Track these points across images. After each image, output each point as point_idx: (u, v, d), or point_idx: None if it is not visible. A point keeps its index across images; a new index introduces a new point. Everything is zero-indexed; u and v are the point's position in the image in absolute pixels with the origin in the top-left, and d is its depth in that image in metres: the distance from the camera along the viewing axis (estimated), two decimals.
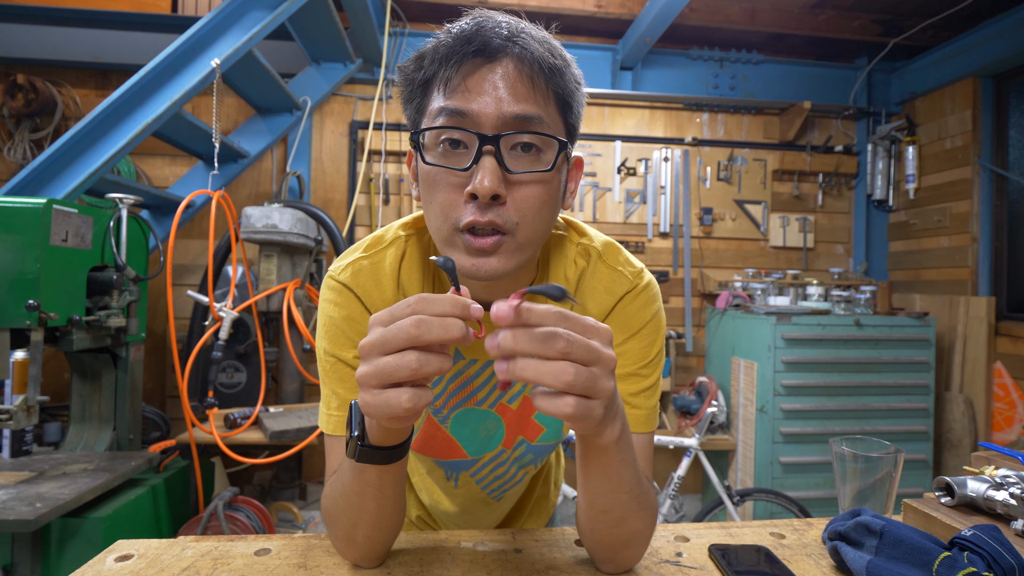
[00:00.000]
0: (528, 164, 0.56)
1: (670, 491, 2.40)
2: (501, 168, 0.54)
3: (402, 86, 0.61)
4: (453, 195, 0.56)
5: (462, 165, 0.55)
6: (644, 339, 0.68)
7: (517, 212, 0.56)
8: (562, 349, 0.41)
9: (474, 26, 0.55)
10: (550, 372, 0.41)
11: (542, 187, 0.57)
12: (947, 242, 2.99)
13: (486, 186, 0.53)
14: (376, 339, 0.44)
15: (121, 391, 1.98)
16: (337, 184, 2.99)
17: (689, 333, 3.15)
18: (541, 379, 0.41)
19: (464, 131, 0.55)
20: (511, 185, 0.56)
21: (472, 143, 0.55)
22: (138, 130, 1.93)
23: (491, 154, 0.54)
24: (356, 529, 0.60)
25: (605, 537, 0.61)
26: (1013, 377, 2.66)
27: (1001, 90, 2.84)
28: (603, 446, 0.52)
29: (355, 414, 0.53)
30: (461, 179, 0.55)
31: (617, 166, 3.13)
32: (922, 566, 0.56)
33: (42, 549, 1.51)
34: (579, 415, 0.42)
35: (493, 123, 0.54)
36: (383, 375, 0.43)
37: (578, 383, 0.41)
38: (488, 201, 0.54)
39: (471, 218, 0.55)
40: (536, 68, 0.55)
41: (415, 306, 0.44)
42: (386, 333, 0.43)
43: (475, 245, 0.55)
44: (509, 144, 0.55)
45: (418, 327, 0.43)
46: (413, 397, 0.44)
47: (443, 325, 0.43)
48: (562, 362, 0.41)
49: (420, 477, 0.86)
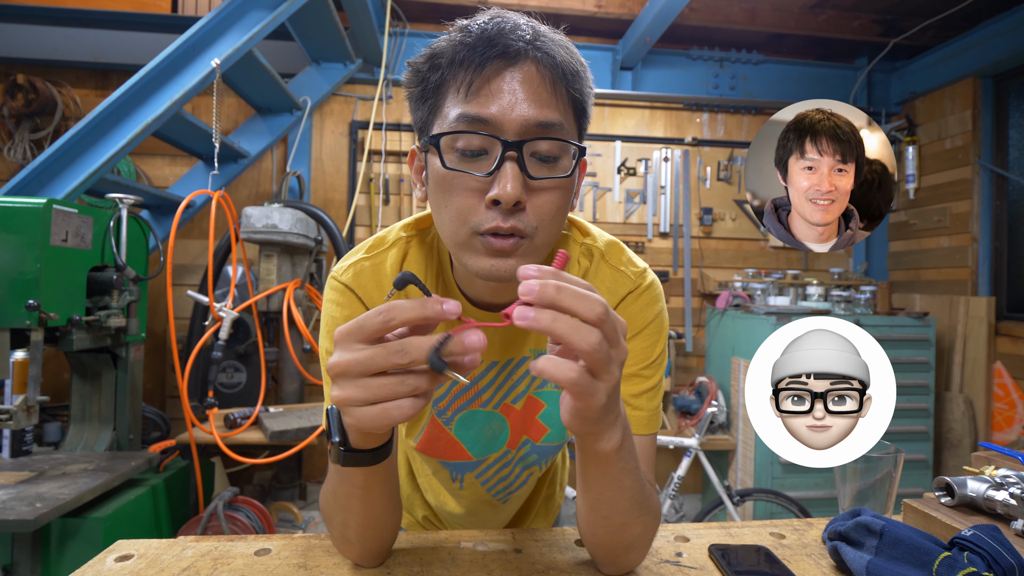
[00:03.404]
0: (548, 170, 0.56)
1: (670, 491, 2.40)
2: (523, 174, 0.54)
3: (414, 85, 0.60)
4: (471, 199, 0.55)
5: (482, 170, 0.55)
6: (646, 339, 0.68)
7: (536, 217, 0.56)
8: (600, 315, 0.40)
9: (494, 27, 0.54)
10: (577, 329, 0.40)
11: (560, 192, 0.57)
12: (947, 242, 2.99)
13: (510, 192, 0.52)
14: (360, 359, 0.42)
15: (121, 391, 1.98)
16: (337, 184, 2.99)
17: (689, 333, 3.15)
18: (570, 337, 0.40)
19: (486, 136, 0.54)
20: (531, 191, 0.55)
21: (493, 148, 0.54)
22: (138, 130, 1.93)
23: (514, 160, 0.54)
24: (348, 529, 0.61)
25: (606, 541, 0.60)
26: (1013, 377, 2.66)
27: (1001, 90, 2.84)
28: (604, 454, 0.50)
29: (333, 420, 0.51)
30: (481, 184, 0.55)
31: (617, 166, 3.13)
32: (922, 566, 0.56)
33: (42, 549, 1.51)
34: (582, 388, 0.41)
35: (515, 129, 0.54)
36: (377, 395, 0.42)
37: (597, 353, 0.40)
38: (511, 208, 0.54)
39: (493, 224, 0.54)
40: (558, 73, 0.55)
41: (389, 313, 0.42)
42: (374, 356, 0.41)
43: (495, 246, 0.55)
44: (530, 150, 0.55)
45: (408, 354, 0.41)
46: (414, 404, 0.42)
47: (420, 347, 0.41)
48: (593, 327, 0.40)
49: (426, 478, 0.85)
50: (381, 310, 0.42)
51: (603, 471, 0.53)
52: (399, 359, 0.41)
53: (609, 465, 0.52)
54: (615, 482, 0.54)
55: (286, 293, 2.36)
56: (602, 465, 0.52)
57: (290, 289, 2.36)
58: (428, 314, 0.42)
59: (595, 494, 0.56)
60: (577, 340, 0.40)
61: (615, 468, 0.52)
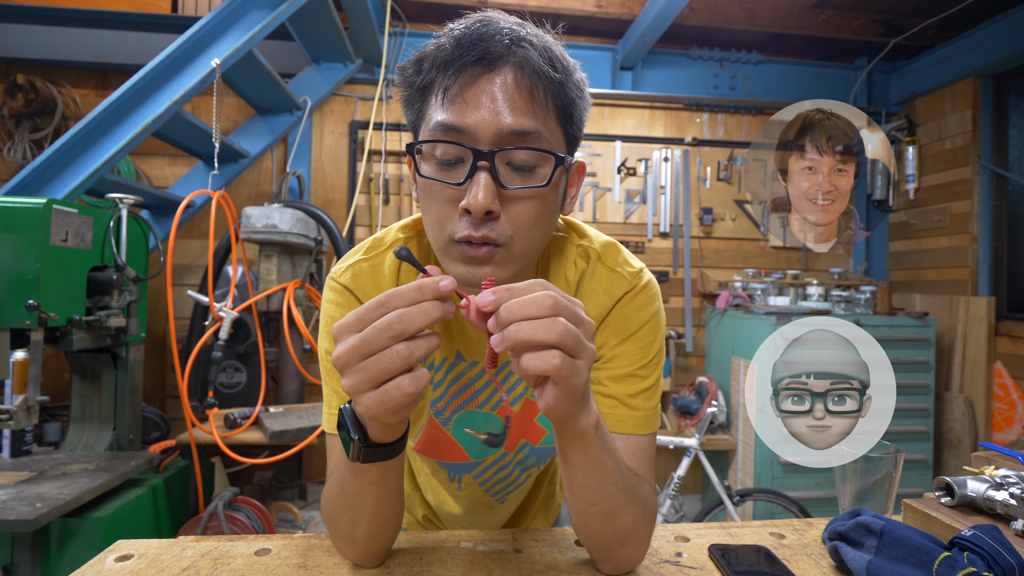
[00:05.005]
0: (523, 179, 0.56)
1: (670, 491, 2.40)
2: (495, 183, 0.54)
3: (402, 89, 0.61)
4: (447, 207, 0.56)
5: (456, 179, 0.55)
6: (642, 339, 0.68)
7: (512, 226, 0.56)
8: (552, 306, 0.43)
9: (475, 32, 0.55)
10: (542, 326, 0.43)
11: (537, 202, 0.57)
12: (947, 242, 2.99)
13: (480, 202, 0.53)
14: (357, 343, 0.44)
15: (121, 391, 1.98)
16: (337, 184, 2.99)
17: (689, 333, 3.15)
18: (534, 334, 0.43)
19: (459, 146, 0.54)
20: (506, 200, 0.56)
21: (467, 158, 0.55)
22: (138, 130, 1.93)
23: (486, 170, 0.54)
24: (356, 528, 0.60)
25: (598, 532, 0.60)
26: (1013, 377, 2.66)
27: (1001, 90, 2.84)
28: (582, 432, 0.52)
29: (349, 418, 0.52)
30: (456, 192, 0.56)
31: (617, 166, 3.13)
32: (922, 566, 0.56)
33: (42, 549, 1.51)
34: (566, 371, 0.44)
35: (489, 138, 0.54)
36: (376, 374, 0.44)
37: (567, 338, 0.43)
38: (482, 217, 0.54)
39: (465, 232, 0.55)
40: (535, 79, 0.55)
41: (388, 303, 0.44)
42: (367, 336, 0.44)
43: (469, 254, 0.56)
44: (504, 159, 0.55)
45: (400, 321, 0.43)
46: (414, 380, 0.44)
47: (422, 311, 0.44)
48: (552, 317, 0.43)
49: (425, 478, 0.86)
50: (380, 299, 0.45)
51: (586, 452, 0.54)
52: (394, 329, 0.43)
53: (590, 443, 0.53)
54: (597, 463, 0.55)
55: (286, 293, 2.36)
56: (584, 445, 0.53)
57: (290, 289, 2.36)
58: (425, 295, 0.44)
59: (580, 480, 0.56)
60: (544, 336, 0.43)
61: (596, 447, 0.54)
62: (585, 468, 0.55)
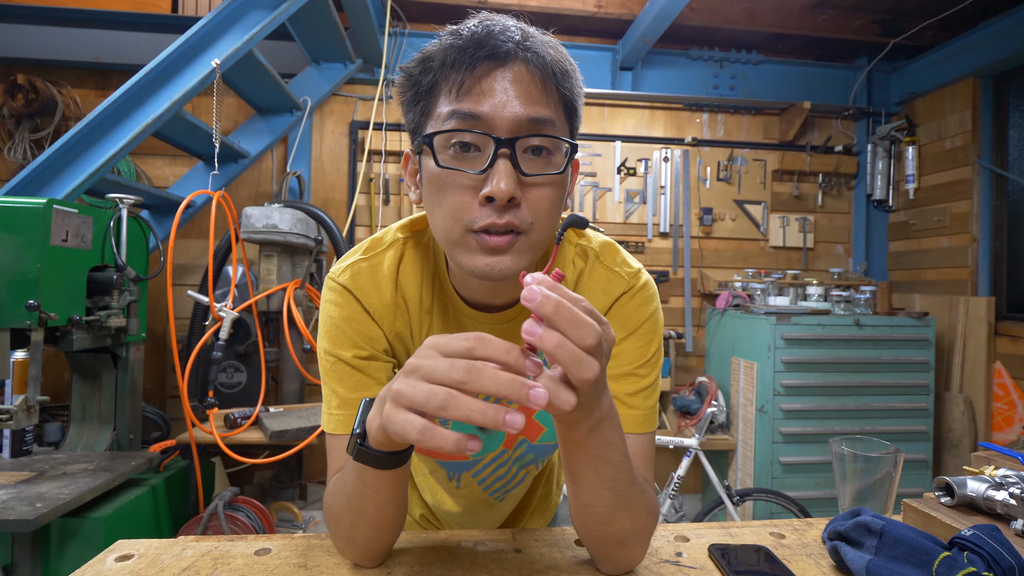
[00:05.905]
0: (541, 166, 0.57)
1: (670, 491, 2.40)
2: (516, 171, 0.55)
3: (406, 88, 0.60)
4: (465, 197, 0.56)
5: (476, 168, 0.55)
6: (641, 338, 0.68)
7: (531, 213, 0.57)
8: (591, 346, 0.42)
9: (484, 30, 0.55)
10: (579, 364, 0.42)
11: (553, 188, 0.58)
12: (947, 242, 2.99)
13: (503, 189, 0.53)
14: (424, 365, 0.43)
15: (121, 391, 1.98)
16: (337, 184, 2.99)
17: (689, 333, 3.15)
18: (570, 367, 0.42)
19: (478, 134, 0.55)
20: (525, 187, 0.56)
21: (486, 146, 0.55)
22: (138, 130, 1.93)
23: (506, 157, 0.54)
24: (356, 530, 0.60)
25: (595, 533, 0.61)
26: (1013, 377, 2.66)
27: (1001, 90, 2.84)
28: (579, 437, 0.52)
29: (362, 411, 0.53)
30: (474, 181, 0.56)
31: (617, 166, 3.13)
32: (922, 566, 0.56)
33: (42, 549, 1.51)
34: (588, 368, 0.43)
35: (508, 126, 0.54)
36: (411, 400, 0.43)
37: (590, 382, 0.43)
38: (505, 204, 0.55)
39: (488, 220, 0.55)
40: (548, 72, 0.56)
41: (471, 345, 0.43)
42: (437, 365, 0.42)
43: (490, 244, 0.56)
44: (523, 147, 0.56)
45: (468, 373, 0.41)
46: (421, 432, 0.42)
47: (494, 379, 0.41)
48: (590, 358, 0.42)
49: (423, 477, 0.86)
50: (470, 336, 0.43)
51: (585, 453, 0.53)
52: (458, 375, 0.42)
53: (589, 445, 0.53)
54: (599, 467, 0.54)
55: (286, 293, 2.36)
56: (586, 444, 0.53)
57: (290, 289, 2.36)
58: (511, 361, 0.42)
59: (580, 481, 0.56)
60: (575, 372, 0.42)
61: (594, 451, 0.53)
62: (587, 470, 0.55)
